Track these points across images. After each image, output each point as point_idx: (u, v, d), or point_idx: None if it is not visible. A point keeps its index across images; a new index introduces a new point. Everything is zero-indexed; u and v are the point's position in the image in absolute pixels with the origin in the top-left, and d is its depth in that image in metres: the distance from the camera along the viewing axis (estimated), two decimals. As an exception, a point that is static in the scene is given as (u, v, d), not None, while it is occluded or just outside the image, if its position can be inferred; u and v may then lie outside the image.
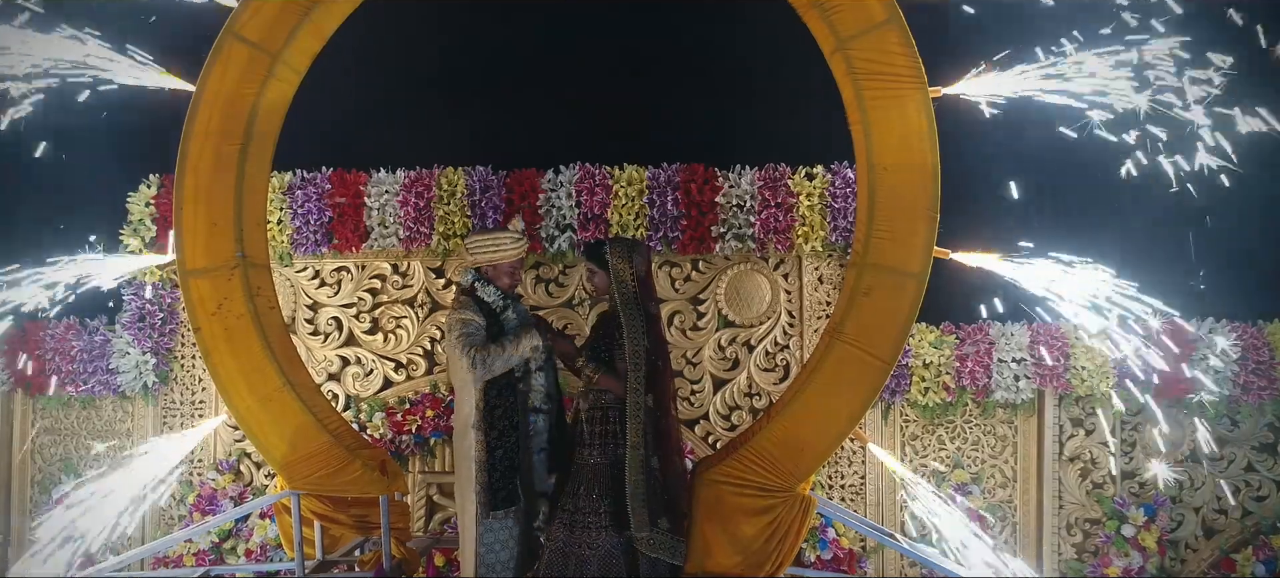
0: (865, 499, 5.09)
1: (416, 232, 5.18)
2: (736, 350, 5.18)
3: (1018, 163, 4.34)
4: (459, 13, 5.12)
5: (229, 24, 3.96)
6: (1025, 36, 4.02)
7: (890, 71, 3.74)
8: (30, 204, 5.27)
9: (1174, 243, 4.83)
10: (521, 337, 3.55)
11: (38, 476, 5.49)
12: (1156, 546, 4.88)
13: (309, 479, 3.95)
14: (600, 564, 3.59)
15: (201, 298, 3.94)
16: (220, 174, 3.97)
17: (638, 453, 3.58)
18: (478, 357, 3.46)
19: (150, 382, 5.28)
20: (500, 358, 3.49)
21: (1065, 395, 4.99)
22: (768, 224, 5.03)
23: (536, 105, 5.24)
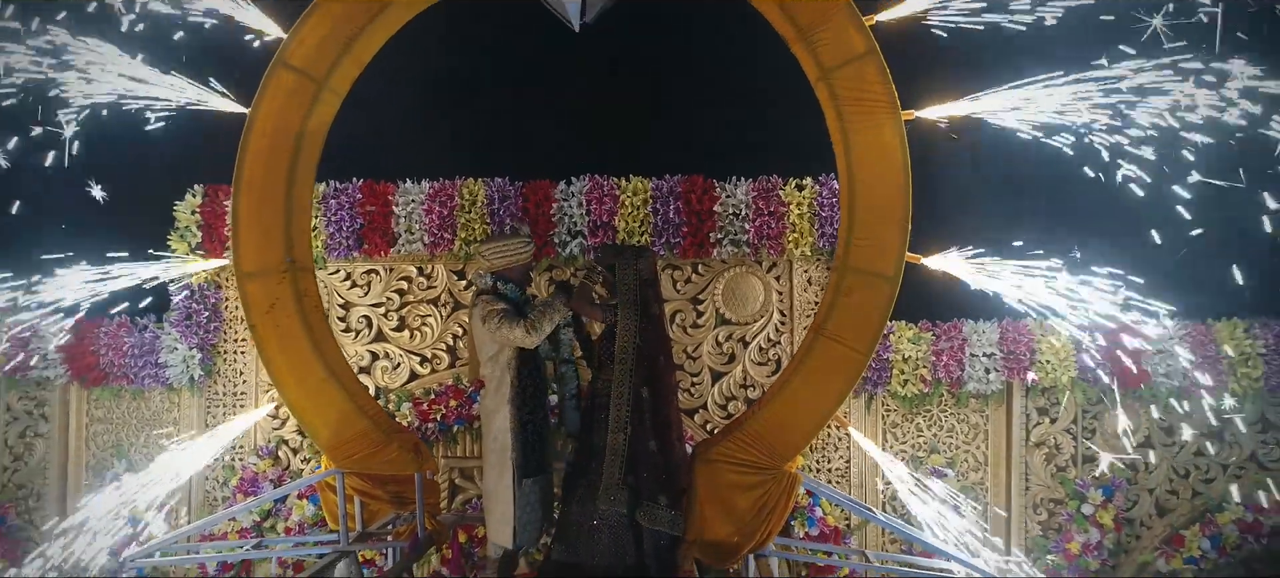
0: (850, 481, 5.58)
1: (440, 237, 5.67)
2: (733, 346, 5.67)
3: (984, 175, 4.83)
4: (480, 36, 5.60)
5: (279, 54, 4.46)
6: (994, 61, 4.52)
7: (868, 99, 4.23)
8: (87, 209, 5.72)
9: (1135, 246, 5.30)
10: (555, 302, 4.08)
11: (92, 461, 5.97)
12: (1113, 523, 5.38)
13: (351, 460, 4.44)
14: (610, 533, 4.08)
15: (255, 299, 4.43)
16: (271, 189, 4.46)
17: (619, 435, 4.06)
18: (529, 323, 3.99)
19: (196, 375, 5.76)
20: (547, 320, 4.03)
21: (1031, 387, 5.48)
22: (761, 231, 5.52)
23: (550, 121, 5.72)
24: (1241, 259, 5.12)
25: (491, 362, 4.18)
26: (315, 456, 5.72)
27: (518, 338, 4.06)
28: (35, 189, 5.50)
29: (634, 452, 4.11)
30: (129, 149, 5.21)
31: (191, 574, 5.67)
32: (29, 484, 5.97)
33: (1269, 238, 4.82)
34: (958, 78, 4.50)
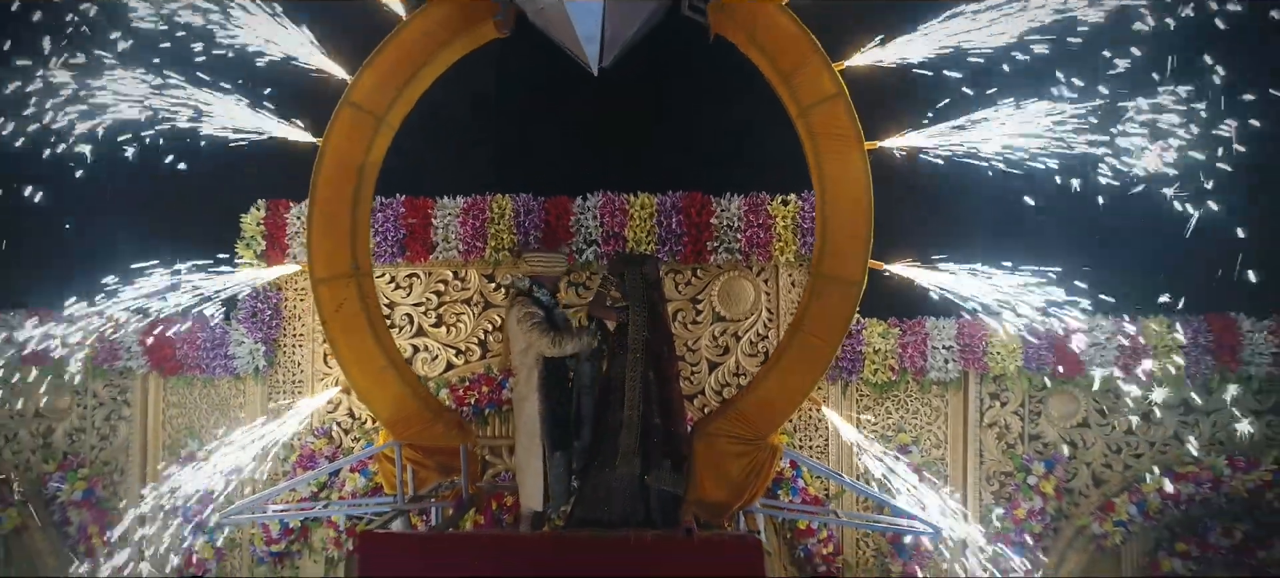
0: (828, 457, 6.44)
1: (473, 246, 6.52)
2: (727, 340, 6.53)
3: (938, 194, 5.68)
4: (507, 70, 6.43)
5: (346, 94, 5.32)
6: (946, 97, 5.38)
7: (838, 133, 5.09)
8: (165, 220, 6.56)
9: (1073, 253, 6.13)
10: (583, 335, 4.95)
11: (167, 441, 6.83)
12: (1054, 492, 6.23)
13: (407, 434, 5.31)
14: (624, 493, 4.94)
15: (326, 300, 5.30)
16: (338, 208, 5.32)
17: (633, 412, 4.91)
18: (556, 338, 4.87)
19: (260, 365, 6.63)
20: (570, 343, 4.89)
21: (984, 375, 6.34)
22: (751, 240, 6.38)
23: (568, 144, 6.60)
24: (1167, 263, 6.00)
25: (522, 355, 5.04)
26: (364, 436, 6.59)
27: (543, 347, 4.93)
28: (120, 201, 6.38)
29: (643, 426, 4.98)
30: (199, 167, 6.06)
31: (256, 536, 6.54)
32: (113, 461, 6.84)
33: (1190, 244, 5.64)
34: (914, 111, 5.38)
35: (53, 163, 5.72)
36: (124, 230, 6.25)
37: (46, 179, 6.05)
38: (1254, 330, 6.16)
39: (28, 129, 5.65)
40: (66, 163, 5.73)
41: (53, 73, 5.66)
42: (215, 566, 6.65)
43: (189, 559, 6.56)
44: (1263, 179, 5.84)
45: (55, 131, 5.70)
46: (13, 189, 6.12)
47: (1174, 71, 5.47)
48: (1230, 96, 5.62)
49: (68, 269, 6.23)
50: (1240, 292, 6.10)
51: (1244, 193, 5.62)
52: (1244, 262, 6.01)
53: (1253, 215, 5.68)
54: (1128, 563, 6.34)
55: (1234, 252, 5.95)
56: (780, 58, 5.10)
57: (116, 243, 6.18)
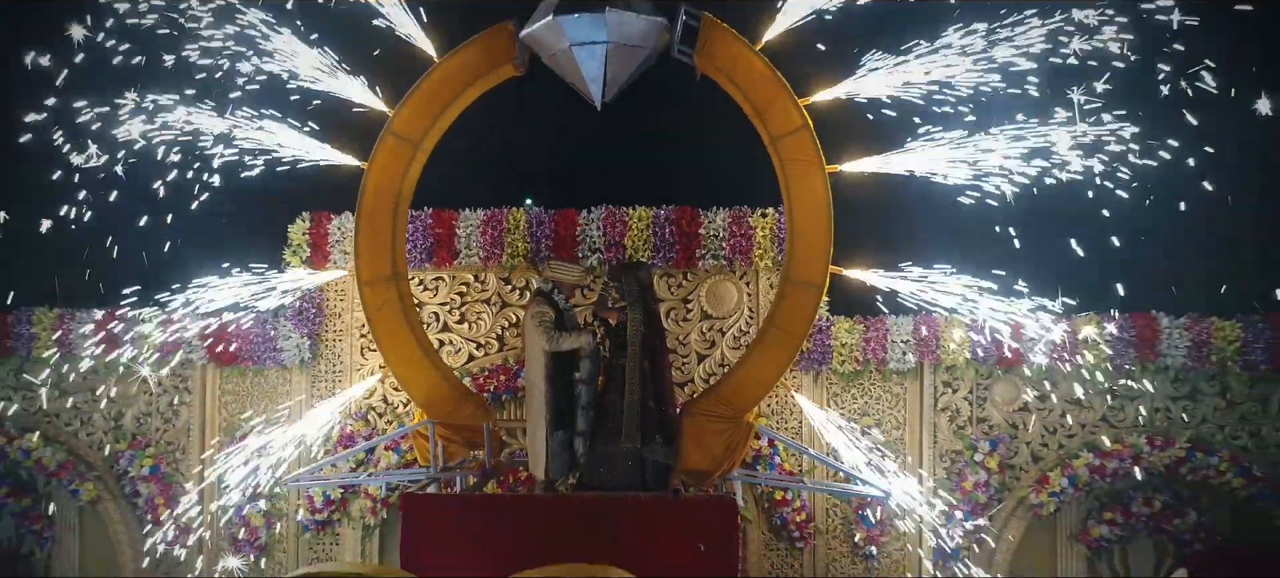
0: (801, 437, 7.37)
1: (491, 252, 7.46)
2: (713, 335, 7.47)
3: (892, 210, 6.61)
4: (526, 101, 7.32)
5: (388, 124, 6.27)
6: (898, 125, 6.30)
7: (804, 159, 6.02)
8: (225, 231, 7.46)
9: (1014, 258, 7.02)
10: (581, 334, 5.86)
11: (222, 424, 7.77)
12: (998, 467, 7.15)
13: (439, 414, 6.25)
14: (623, 463, 5.88)
15: (371, 300, 6.25)
16: (380, 222, 6.27)
17: (633, 396, 5.84)
18: (553, 337, 5.78)
19: (305, 357, 7.56)
20: (567, 342, 5.80)
21: (937, 366, 7.28)
22: (735, 248, 7.32)
23: (574, 163, 7.54)
24: (1096, 267, 6.92)
25: (532, 347, 5.97)
26: (396, 419, 7.52)
27: (542, 343, 5.83)
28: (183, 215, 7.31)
29: (640, 408, 5.91)
30: (251, 184, 6.97)
31: (301, 506, 7.47)
32: (176, 442, 7.78)
33: (1118, 250, 6.54)
34: (872, 138, 6.31)
35: (134, 181, 6.66)
36: (189, 239, 7.17)
37: (125, 193, 6.98)
38: (1171, 327, 7.07)
39: (118, 154, 6.58)
40: (145, 180, 6.68)
41: (125, 106, 6.60)
42: (265, 533, 7.59)
43: (243, 525, 7.50)
44: (1179, 190, 6.70)
45: (135, 152, 6.67)
46: (97, 201, 7.04)
47: (1105, 95, 6.33)
48: (1162, 114, 6.50)
49: (139, 273, 7.20)
50: (1159, 293, 7.07)
51: (1165, 205, 6.52)
52: (1165, 266, 6.97)
53: (1170, 224, 6.58)
54: (1062, 530, 7.28)
55: (1155, 258, 6.89)
56: (754, 95, 6.05)
57: (182, 250, 7.15)
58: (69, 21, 6.75)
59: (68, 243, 7.23)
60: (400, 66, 6.49)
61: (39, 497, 7.83)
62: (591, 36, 5.81)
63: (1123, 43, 5.91)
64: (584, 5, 5.77)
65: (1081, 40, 5.88)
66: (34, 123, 6.80)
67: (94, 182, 6.84)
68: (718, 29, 6.03)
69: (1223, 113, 6.43)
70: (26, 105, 6.97)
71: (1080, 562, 7.29)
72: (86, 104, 6.75)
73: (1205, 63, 6.35)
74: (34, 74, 6.98)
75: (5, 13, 7.62)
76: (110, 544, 7.78)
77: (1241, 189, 6.77)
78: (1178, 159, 6.38)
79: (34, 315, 7.71)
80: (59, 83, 6.94)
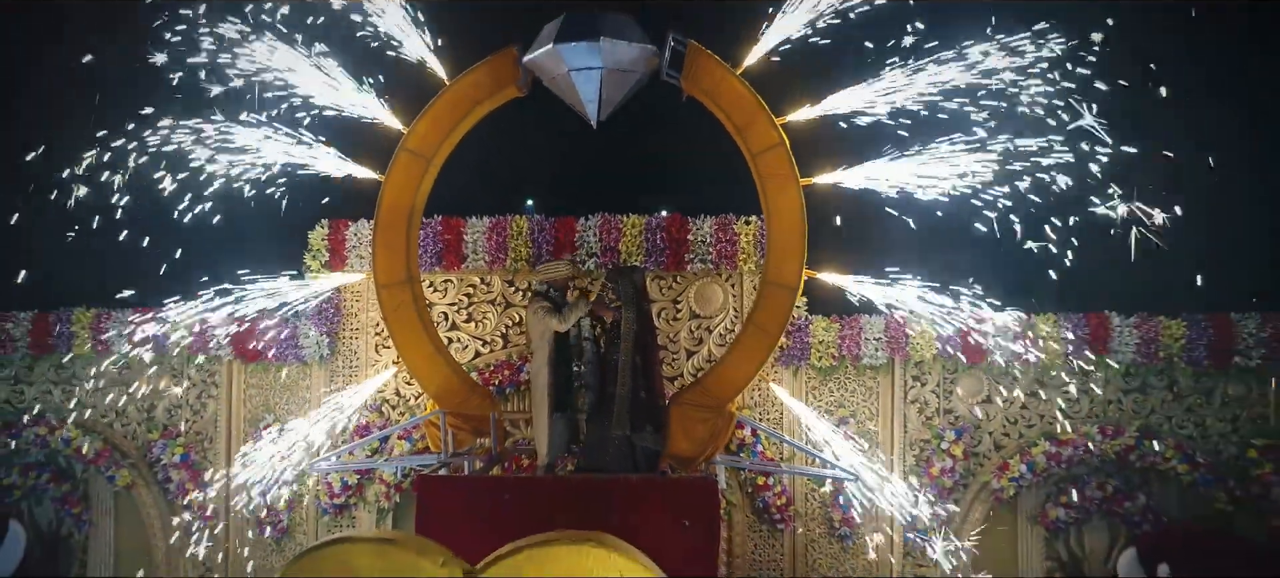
0: (782, 427, 7.98)
1: (496, 257, 8.08)
2: (701, 333, 8.09)
3: (864, 219, 7.21)
4: (529, 117, 7.94)
5: (403, 141, 6.89)
6: (866, 141, 6.90)
7: (780, 174, 6.64)
8: (250, 241, 8.07)
9: (975, 262, 7.61)
10: (578, 304, 6.55)
11: (247, 415, 8.39)
12: (963, 455, 7.77)
13: (449, 405, 6.87)
14: (616, 448, 6.50)
15: (387, 301, 6.88)
16: (396, 232, 6.89)
17: (625, 388, 6.46)
18: (559, 316, 6.42)
19: (323, 354, 8.18)
20: (573, 315, 6.47)
21: (907, 361, 7.89)
22: (720, 253, 7.93)
23: (573, 175, 8.17)
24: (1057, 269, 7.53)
25: (539, 338, 6.59)
26: (407, 411, 8.14)
27: (554, 324, 6.50)
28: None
29: (632, 399, 6.54)
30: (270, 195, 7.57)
31: (320, 491, 8.08)
32: (204, 432, 8.40)
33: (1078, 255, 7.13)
34: (842, 154, 6.92)
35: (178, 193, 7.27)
36: (218, 245, 7.77)
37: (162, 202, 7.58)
38: (1121, 326, 7.68)
39: (156, 176, 7.17)
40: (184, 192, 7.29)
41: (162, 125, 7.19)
42: (287, 516, 8.21)
43: (266, 509, 8.11)
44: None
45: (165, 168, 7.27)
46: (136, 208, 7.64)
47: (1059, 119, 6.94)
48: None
49: (172, 276, 7.80)
50: (1111, 293, 7.68)
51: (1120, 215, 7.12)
52: (1117, 268, 7.56)
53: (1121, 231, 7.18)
54: (1022, 512, 7.89)
55: (1108, 262, 7.50)
56: (735, 114, 6.67)
57: (210, 255, 7.75)
58: (132, 42, 7.28)
59: (107, 246, 7.82)
60: (411, 87, 7.13)
61: (77, 483, 8.46)
62: (588, 62, 6.44)
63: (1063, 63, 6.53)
64: (581, 34, 6.40)
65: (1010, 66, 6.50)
66: (84, 134, 7.38)
67: (137, 190, 7.41)
68: (702, 55, 6.65)
69: (1160, 126, 7.05)
70: (74, 116, 7.59)
71: (1039, 542, 7.89)
72: (126, 121, 7.36)
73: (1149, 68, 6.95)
74: (91, 84, 7.56)
75: (72, 25, 8.17)
76: (143, 527, 8.39)
77: (1194, 197, 7.36)
78: (1126, 170, 6.99)
79: (73, 315, 8.33)
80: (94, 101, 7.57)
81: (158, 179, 7.34)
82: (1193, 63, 7.94)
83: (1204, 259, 7.75)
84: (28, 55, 8.68)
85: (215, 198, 7.35)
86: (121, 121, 7.32)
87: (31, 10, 8.35)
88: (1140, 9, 7.27)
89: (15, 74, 8.76)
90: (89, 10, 7.93)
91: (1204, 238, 7.71)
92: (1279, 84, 8.24)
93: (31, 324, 8.40)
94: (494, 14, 7.46)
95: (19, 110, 8.66)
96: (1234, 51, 8.24)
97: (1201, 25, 7.84)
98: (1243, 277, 7.83)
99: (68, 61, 7.78)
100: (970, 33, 6.65)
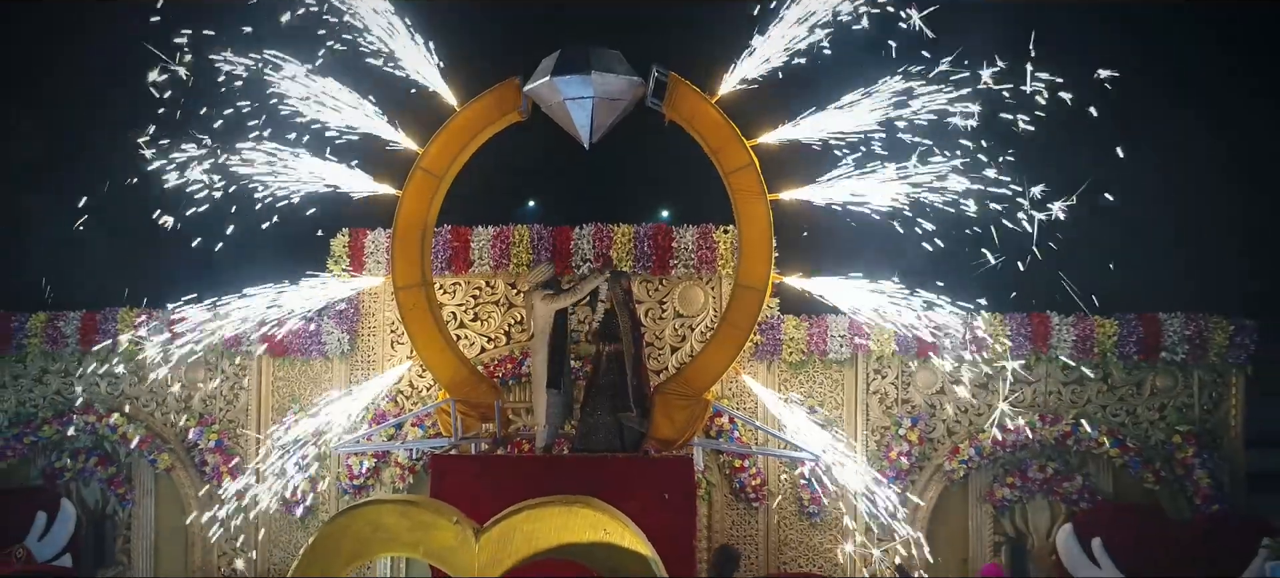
0: (756, 414, 8.88)
1: (500, 262, 8.98)
2: (684, 330, 8.99)
3: (824, 229, 8.12)
4: (528, 139, 8.86)
5: (418, 160, 7.81)
6: (827, 160, 7.80)
7: (750, 190, 7.55)
8: (276, 247, 8.96)
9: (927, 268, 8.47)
10: (585, 282, 7.46)
11: (275, 404, 9.30)
12: (918, 440, 8.66)
13: (459, 393, 7.77)
14: (606, 430, 7.41)
15: (405, 302, 7.80)
16: (411, 240, 7.80)
17: (614, 379, 7.37)
18: (563, 294, 7.37)
19: (344, 350, 9.08)
20: (575, 294, 7.46)
21: (869, 356, 8.79)
22: (701, 259, 8.83)
23: (569, 189, 9.08)
24: (1000, 275, 8.41)
25: (544, 321, 7.49)
26: (419, 401, 9.03)
27: (563, 302, 7.45)
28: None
29: (619, 387, 7.45)
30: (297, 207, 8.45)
31: (341, 473, 8.98)
32: (237, 419, 9.31)
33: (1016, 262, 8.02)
34: (806, 170, 7.82)
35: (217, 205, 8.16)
36: (251, 252, 8.67)
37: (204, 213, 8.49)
38: (1060, 325, 8.58)
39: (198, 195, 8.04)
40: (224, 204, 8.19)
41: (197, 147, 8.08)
42: (311, 496, 9.09)
43: (292, 491, 9.00)
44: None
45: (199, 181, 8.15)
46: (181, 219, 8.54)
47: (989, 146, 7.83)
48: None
49: (210, 280, 8.70)
50: (1051, 294, 8.57)
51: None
52: (1057, 273, 8.46)
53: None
54: (972, 491, 8.78)
55: (1048, 267, 8.38)
56: (710, 138, 7.58)
57: (245, 260, 8.64)
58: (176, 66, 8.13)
59: (151, 252, 8.74)
60: (424, 113, 8.05)
61: (122, 466, 9.37)
62: (580, 93, 7.35)
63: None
64: (574, 68, 7.32)
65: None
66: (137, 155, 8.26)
67: (178, 204, 8.31)
68: (682, 86, 7.57)
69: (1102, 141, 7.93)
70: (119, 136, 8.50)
71: (987, 518, 8.79)
72: (169, 142, 8.26)
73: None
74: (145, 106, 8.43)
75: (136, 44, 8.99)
76: (181, 505, 9.29)
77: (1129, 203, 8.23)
78: (1062, 182, 7.88)
79: (119, 314, 9.24)
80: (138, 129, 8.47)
81: (197, 195, 8.21)
82: (1138, 74, 8.78)
83: (1135, 263, 8.69)
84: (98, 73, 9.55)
85: (248, 211, 8.27)
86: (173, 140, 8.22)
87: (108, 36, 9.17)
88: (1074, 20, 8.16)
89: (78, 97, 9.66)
90: (156, 37, 8.70)
91: (1137, 245, 8.66)
92: (1209, 99, 9.22)
93: (81, 323, 9.30)
94: (497, 47, 8.39)
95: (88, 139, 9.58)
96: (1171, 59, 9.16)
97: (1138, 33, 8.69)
98: (1168, 280, 8.75)
99: (127, 81, 8.63)
100: (919, 62, 7.53)
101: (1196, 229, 8.81)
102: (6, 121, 10.36)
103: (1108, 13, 9.00)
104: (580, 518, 5.40)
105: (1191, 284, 8.73)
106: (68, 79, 10.25)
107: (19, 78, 10.48)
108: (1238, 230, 9.31)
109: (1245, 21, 9.39)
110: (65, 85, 10.29)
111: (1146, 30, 9.25)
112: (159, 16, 7.64)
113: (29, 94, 10.53)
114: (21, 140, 10.33)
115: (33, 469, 9.43)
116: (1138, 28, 9.17)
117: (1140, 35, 9.14)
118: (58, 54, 10.43)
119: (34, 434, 9.23)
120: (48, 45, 10.46)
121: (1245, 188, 9.07)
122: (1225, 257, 9.28)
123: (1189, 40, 9.37)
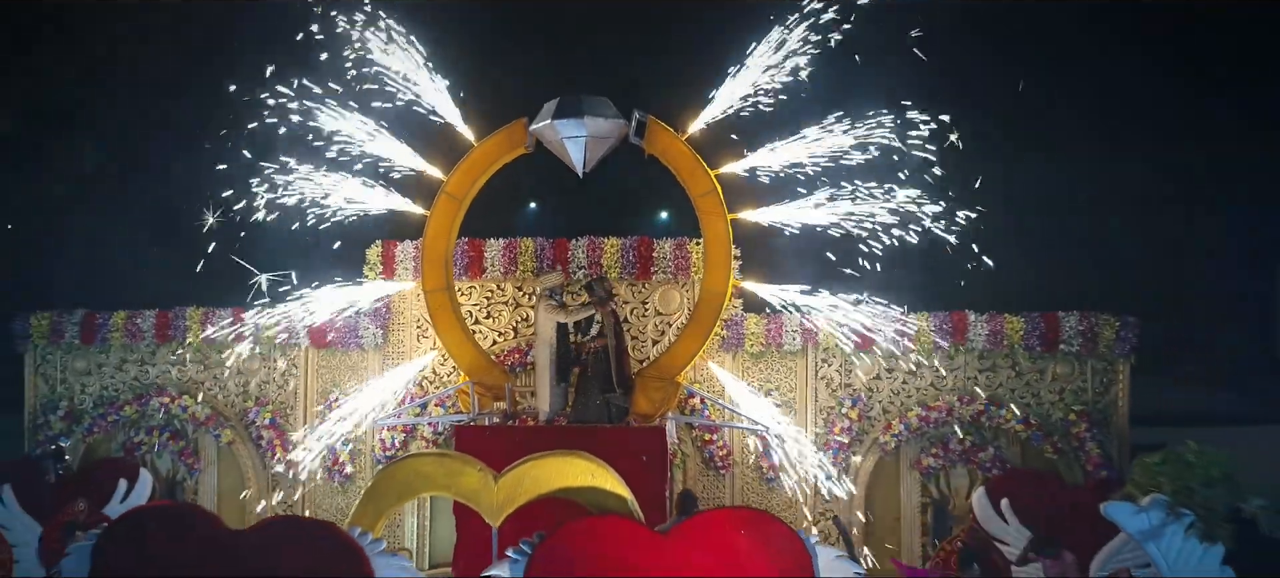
0: (724, 395, 10.59)
1: (508, 269, 10.70)
2: (663, 327, 10.69)
3: (782, 242, 9.85)
4: (534, 167, 10.60)
5: (443, 186, 9.55)
6: (784, 184, 9.54)
7: (713, 211, 9.30)
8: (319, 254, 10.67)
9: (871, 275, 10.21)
10: (580, 311, 9.17)
11: (318, 389, 11.01)
12: (857, 417, 10.36)
13: (476, 376, 9.51)
14: (596, 408, 9.16)
15: (433, 302, 9.53)
16: (437, 251, 9.54)
17: (603, 367, 9.11)
18: (566, 313, 9.07)
19: (378, 342, 10.79)
20: (575, 313, 9.11)
21: (817, 348, 10.51)
22: (677, 266, 10.54)
23: (566, 208, 10.82)
24: (928, 278, 10.14)
25: (546, 328, 9.22)
26: (443, 384, 10.74)
27: (561, 317, 9.15)
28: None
29: (607, 373, 9.20)
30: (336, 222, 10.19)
31: (375, 445, 10.69)
32: (288, 402, 11.02)
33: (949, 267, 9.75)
34: (765, 195, 9.55)
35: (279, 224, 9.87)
36: (294, 258, 10.39)
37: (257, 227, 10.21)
38: (976, 321, 10.29)
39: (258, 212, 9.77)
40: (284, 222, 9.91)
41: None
42: (350, 465, 10.81)
43: (334, 460, 10.71)
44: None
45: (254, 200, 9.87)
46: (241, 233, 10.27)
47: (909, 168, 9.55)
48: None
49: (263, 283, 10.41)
50: (970, 294, 10.28)
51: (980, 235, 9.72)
52: (970, 276, 10.16)
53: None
54: (903, 460, 10.48)
55: (966, 270, 10.10)
56: (681, 169, 9.34)
57: (291, 264, 10.35)
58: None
59: (220, 257, 10.46)
60: (445, 144, 9.80)
61: (190, 440, 11.08)
62: (575, 132, 9.11)
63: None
64: (570, 112, 9.07)
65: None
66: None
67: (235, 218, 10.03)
68: (658, 126, 9.32)
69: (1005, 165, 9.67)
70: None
71: (915, 484, 10.48)
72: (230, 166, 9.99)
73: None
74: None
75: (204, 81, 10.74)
76: (240, 474, 11.00)
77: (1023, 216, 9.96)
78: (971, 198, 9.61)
79: (187, 312, 10.97)
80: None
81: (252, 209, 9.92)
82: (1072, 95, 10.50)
83: (1042, 268, 10.41)
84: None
85: (298, 225, 10.00)
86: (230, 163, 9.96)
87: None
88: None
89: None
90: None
91: (1042, 252, 10.38)
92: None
93: (155, 319, 11.02)
94: (508, 92, 10.13)
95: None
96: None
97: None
98: (1068, 282, 10.47)
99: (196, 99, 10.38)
100: (864, 103, 9.28)
101: (1091, 239, 10.51)
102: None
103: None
104: (575, 466, 7.14)
105: (1086, 286, 10.44)
106: (149, 104, 12.02)
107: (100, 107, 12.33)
108: (1127, 240, 11.03)
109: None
110: (146, 111, 12.07)
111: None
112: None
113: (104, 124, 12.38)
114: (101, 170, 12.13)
115: (115, 444, 11.13)
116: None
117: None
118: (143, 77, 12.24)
119: (116, 414, 10.95)
120: (144, 86, 12.33)
121: (1132, 205, 10.80)
122: (1115, 263, 10.99)
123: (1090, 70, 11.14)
